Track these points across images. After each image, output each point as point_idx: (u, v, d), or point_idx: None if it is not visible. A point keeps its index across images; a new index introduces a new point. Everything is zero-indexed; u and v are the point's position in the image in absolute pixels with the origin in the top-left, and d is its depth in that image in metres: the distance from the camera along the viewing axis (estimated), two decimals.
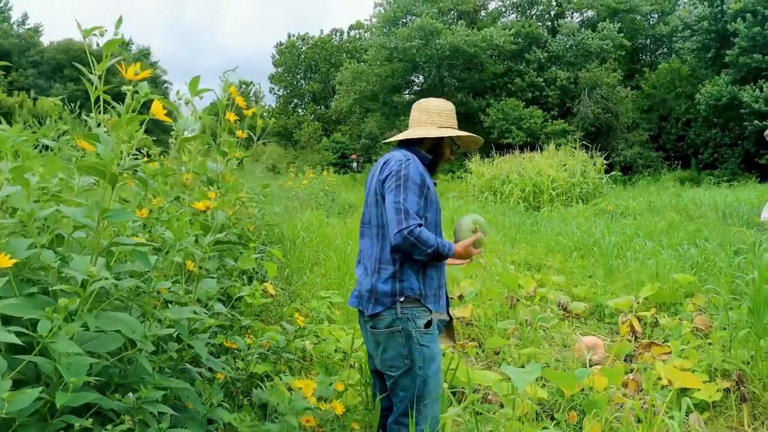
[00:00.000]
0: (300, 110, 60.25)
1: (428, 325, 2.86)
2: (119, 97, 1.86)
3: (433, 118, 3.05)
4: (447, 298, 3.10)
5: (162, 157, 2.90)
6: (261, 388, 3.05)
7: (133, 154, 2.28)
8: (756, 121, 27.78)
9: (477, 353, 5.19)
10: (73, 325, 1.48)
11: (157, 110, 1.79)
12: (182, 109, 2.62)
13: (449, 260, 2.98)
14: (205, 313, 2.38)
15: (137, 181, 1.86)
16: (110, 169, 1.64)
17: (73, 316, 1.52)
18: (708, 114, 30.65)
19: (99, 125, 2.03)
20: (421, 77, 42.49)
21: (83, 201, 1.78)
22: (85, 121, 2.25)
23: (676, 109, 34.45)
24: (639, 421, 3.36)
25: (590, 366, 4.67)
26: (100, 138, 1.69)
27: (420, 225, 2.73)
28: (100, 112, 1.96)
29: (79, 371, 1.47)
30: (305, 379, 2.71)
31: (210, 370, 2.61)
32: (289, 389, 3.01)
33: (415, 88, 43.94)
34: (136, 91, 1.74)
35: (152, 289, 1.96)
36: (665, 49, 40.73)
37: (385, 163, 2.94)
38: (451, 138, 3.07)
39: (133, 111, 1.72)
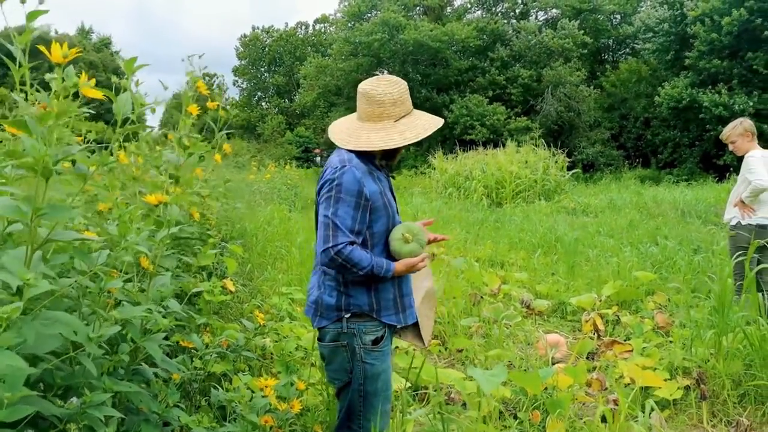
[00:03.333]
0: (264, 103, 59.68)
1: (377, 341, 2.67)
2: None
3: (388, 110, 2.67)
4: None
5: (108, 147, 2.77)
6: (219, 387, 2.95)
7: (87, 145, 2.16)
8: (719, 127, 28.18)
9: (440, 351, 5.14)
10: (6, 336, 1.34)
11: (90, 91, 1.63)
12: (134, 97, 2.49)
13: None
14: (160, 312, 2.28)
15: (73, 174, 1.71)
16: (42, 162, 1.49)
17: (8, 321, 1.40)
18: (668, 115, 31.17)
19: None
20: (385, 72, 42.39)
21: (17, 192, 1.61)
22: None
23: (636, 109, 34.94)
24: (604, 420, 3.34)
25: (553, 363, 4.66)
26: (30, 126, 1.53)
27: (352, 243, 2.51)
28: (27, 95, 1.78)
29: (16, 384, 1.34)
30: (265, 377, 2.62)
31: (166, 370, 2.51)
32: (249, 389, 2.92)
33: None
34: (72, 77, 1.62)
35: (102, 288, 1.85)
36: (627, 50, 41.23)
37: (325, 167, 2.71)
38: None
39: (65, 97, 1.58)
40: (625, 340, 5.07)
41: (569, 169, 21.50)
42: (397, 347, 4.61)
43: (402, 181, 29.90)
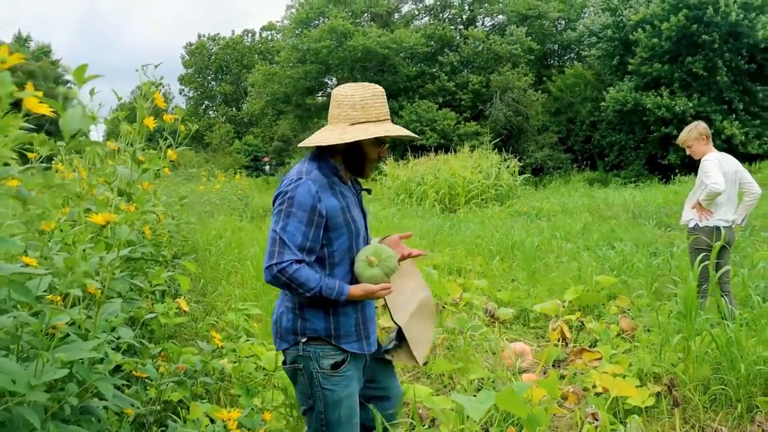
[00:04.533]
0: (211, 112, 58.92)
1: (336, 366, 2.49)
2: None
3: (345, 111, 2.49)
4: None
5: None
6: (177, 417, 2.75)
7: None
8: (663, 128, 29.08)
9: (404, 365, 5.00)
10: None
11: (33, 104, 1.42)
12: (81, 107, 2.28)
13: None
14: (110, 344, 2.08)
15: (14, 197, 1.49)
16: None
17: None
18: (614, 118, 31.82)
19: None
20: (334, 79, 42.22)
21: None
22: None
23: (583, 113, 35.54)
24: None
25: (520, 373, 4.56)
26: None
27: (300, 261, 2.34)
28: None
29: None
30: (228, 409, 2.44)
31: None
32: (210, 419, 2.73)
33: (329, 90, 43.62)
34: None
35: (46, 325, 1.65)
36: (573, 55, 41.94)
37: (282, 178, 2.54)
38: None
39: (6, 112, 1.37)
40: (590, 347, 5.01)
41: (520, 173, 21.66)
42: None
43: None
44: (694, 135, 5.41)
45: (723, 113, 28.25)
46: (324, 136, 2.48)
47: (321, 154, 2.56)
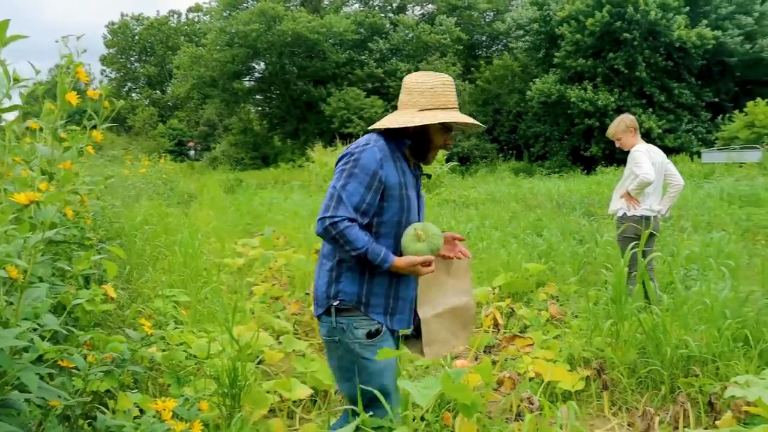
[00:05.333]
0: (134, 94, 57.13)
1: (371, 335, 2.49)
2: None
3: (415, 98, 2.54)
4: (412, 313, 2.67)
5: None
6: (105, 408, 2.63)
7: None
8: (586, 120, 29.95)
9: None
10: None
11: None
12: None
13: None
14: (34, 330, 1.95)
15: None
16: None
17: None
18: (539, 110, 32.55)
19: None
20: (262, 64, 41.58)
21: None
22: None
23: (509, 104, 36.17)
24: (518, 417, 3.28)
25: (452, 360, 4.58)
26: None
27: (352, 220, 2.36)
28: None
29: None
30: (162, 399, 2.33)
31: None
32: (140, 409, 2.62)
33: (256, 74, 42.98)
34: None
35: None
36: (500, 46, 42.56)
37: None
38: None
39: None
40: (520, 332, 5.08)
41: (447, 161, 21.84)
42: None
43: (280, 174, 29.44)
44: (622, 127, 5.52)
45: (643, 107, 29.28)
46: (394, 119, 2.53)
47: (389, 136, 2.57)
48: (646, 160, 5.20)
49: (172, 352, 3.68)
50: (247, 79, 42.85)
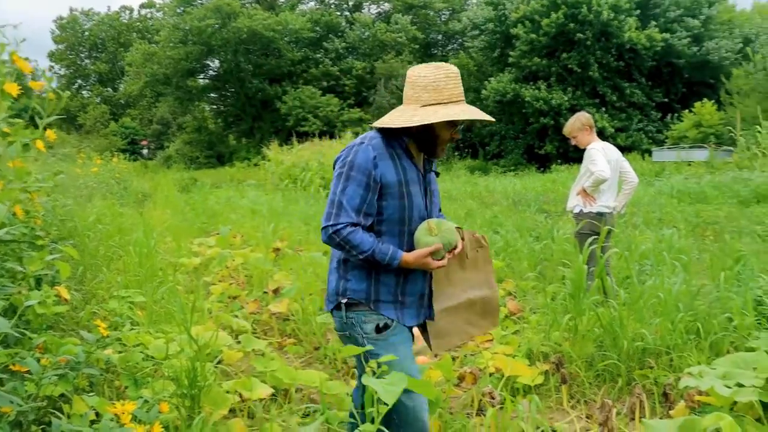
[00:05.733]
0: (85, 92, 55.87)
1: (379, 329, 2.50)
2: None
3: (417, 93, 2.48)
4: (426, 307, 2.65)
5: None
6: (60, 413, 2.56)
7: None
8: (541, 119, 30.41)
9: (297, 350, 4.92)
10: None
11: None
12: None
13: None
14: None
15: None
16: None
17: None
18: (494, 109, 32.89)
19: None
20: (216, 61, 41.08)
21: None
22: None
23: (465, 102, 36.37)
24: (480, 412, 3.30)
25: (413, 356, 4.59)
26: None
27: (354, 224, 2.38)
28: None
29: None
30: (122, 402, 2.28)
31: None
32: (96, 413, 2.56)
33: (211, 72, 42.46)
34: None
35: None
36: (456, 45, 42.85)
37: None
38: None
39: None
40: None
41: None
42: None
43: (235, 173, 29.16)
44: (578, 125, 5.59)
45: (596, 107, 29.82)
46: (394, 117, 2.49)
47: (392, 132, 2.54)
48: (601, 157, 5.28)
49: (128, 353, 3.60)
50: (202, 76, 42.34)
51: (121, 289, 5.09)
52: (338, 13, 41.87)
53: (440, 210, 2.86)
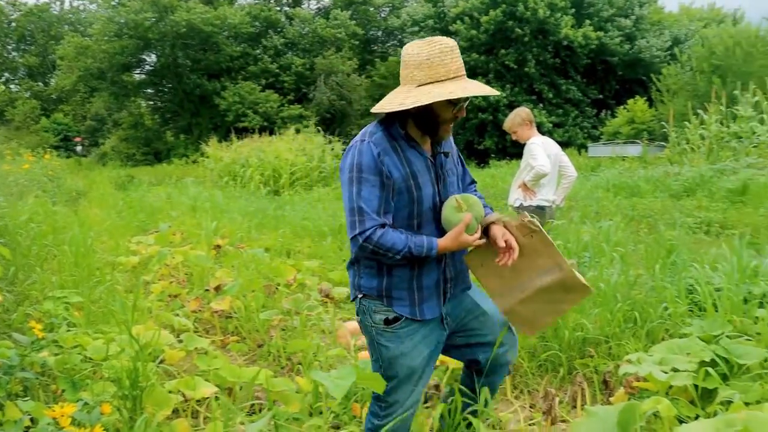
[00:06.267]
0: (12, 86, 53.83)
1: (388, 322, 2.47)
2: None
3: (411, 72, 2.35)
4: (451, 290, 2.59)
5: None
6: None
7: None
8: (480, 115, 30.81)
9: (240, 348, 4.86)
10: None
11: None
12: None
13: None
14: None
15: None
16: None
17: None
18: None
19: None
20: (153, 56, 40.16)
21: None
22: None
23: None
24: (425, 404, 3.32)
25: (356, 351, 4.59)
26: None
27: (382, 226, 2.30)
28: None
29: None
30: (60, 405, 2.21)
31: None
32: (32, 419, 2.48)
33: (147, 67, 41.50)
34: None
35: None
36: (396, 42, 42.96)
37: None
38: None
39: None
40: None
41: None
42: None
43: (173, 170, 28.62)
44: (518, 121, 5.68)
45: (533, 103, 30.40)
46: (389, 100, 2.38)
47: (390, 118, 2.45)
48: (541, 152, 5.38)
49: (65, 355, 3.50)
50: (138, 71, 41.30)
51: (57, 290, 4.95)
52: (278, 9, 41.43)
53: (473, 182, 2.82)
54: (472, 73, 31.86)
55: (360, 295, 2.53)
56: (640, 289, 4.70)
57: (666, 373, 3.22)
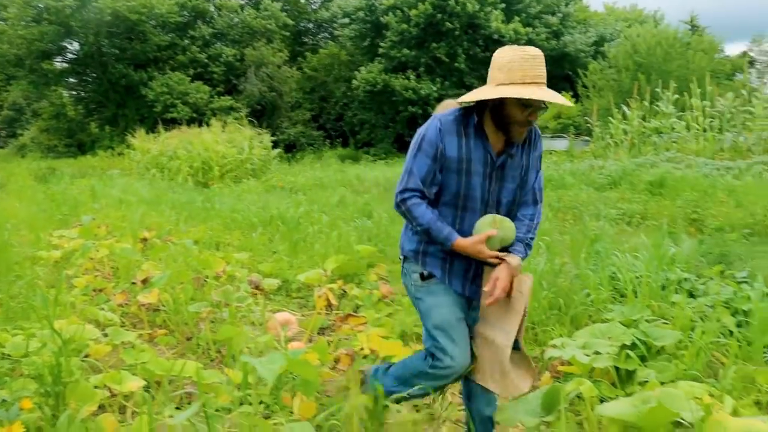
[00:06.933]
0: None
1: (423, 277, 2.74)
2: None
3: (494, 73, 2.54)
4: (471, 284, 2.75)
5: None
6: None
7: None
8: (410, 108, 31.04)
9: (168, 341, 4.78)
10: None
11: None
12: None
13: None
14: None
15: None
16: None
17: None
18: (365, 98, 33.21)
19: None
20: (76, 44, 38.75)
21: None
22: None
23: (335, 92, 36.55)
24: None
25: (286, 342, 4.58)
26: None
27: (422, 194, 2.59)
28: None
29: None
30: None
31: None
32: None
33: (69, 55, 40.00)
34: None
35: None
36: (326, 34, 42.77)
37: None
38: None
39: None
40: (355, 312, 5.17)
41: (274, 148, 21.78)
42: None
43: (98, 162, 27.83)
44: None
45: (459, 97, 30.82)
46: (467, 95, 2.60)
47: (470, 109, 2.65)
48: None
49: None
50: (59, 59, 39.77)
51: None
52: None
53: (534, 203, 2.80)
54: (403, 67, 32.09)
55: (402, 258, 2.85)
56: (565, 277, 4.84)
57: (588, 356, 3.33)
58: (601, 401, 3.14)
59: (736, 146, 16.95)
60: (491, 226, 2.54)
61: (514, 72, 2.48)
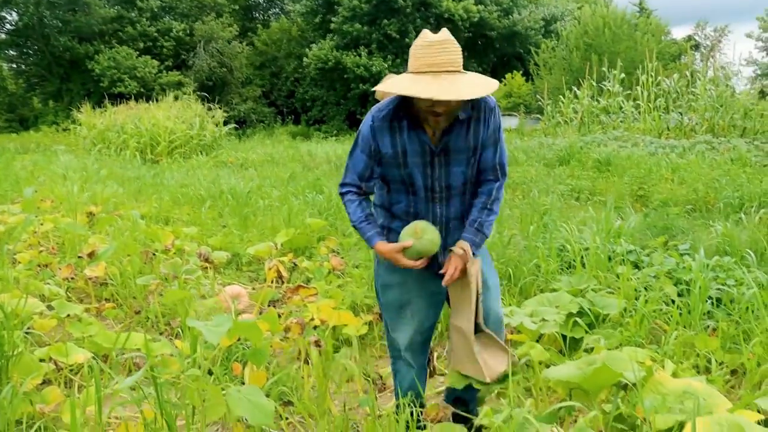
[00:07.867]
0: None
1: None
2: None
3: (410, 60, 2.39)
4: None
5: None
6: None
7: None
8: (361, 85, 30.91)
9: (116, 314, 4.70)
10: None
11: None
12: None
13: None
14: None
15: None
16: None
17: None
18: (316, 75, 32.95)
19: None
20: (14, 14, 37.39)
21: None
22: None
23: (286, 68, 36.18)
24: (307, 362, 3.35)
25: (237, 315, 4.55)
26: None
27: (358, 189, 2.59)
28: None
29: None
30: None
31: None
32: None
33: (8, 26, 38.58)
34: None
35: None
36: (277, 10, 42.18)
37: None
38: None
39: None
40: (307, 284, 5.17)
41: (225, 124, 21.50)
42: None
43: (42, 138, 27.00)
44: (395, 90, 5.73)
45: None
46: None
47: (407, 98, 2.48)
48: None
49: None
50: None
51: None
52: None
53: (496, 179, 2.66)
54: (355, 44, 31.86)
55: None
56: (514, 249, 4.91)
57: (536, 323, 3.40)
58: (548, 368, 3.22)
59: (680, 126, 17.36)
60: (411, 236, 2.49)
61: (416, 60, 2.33)
